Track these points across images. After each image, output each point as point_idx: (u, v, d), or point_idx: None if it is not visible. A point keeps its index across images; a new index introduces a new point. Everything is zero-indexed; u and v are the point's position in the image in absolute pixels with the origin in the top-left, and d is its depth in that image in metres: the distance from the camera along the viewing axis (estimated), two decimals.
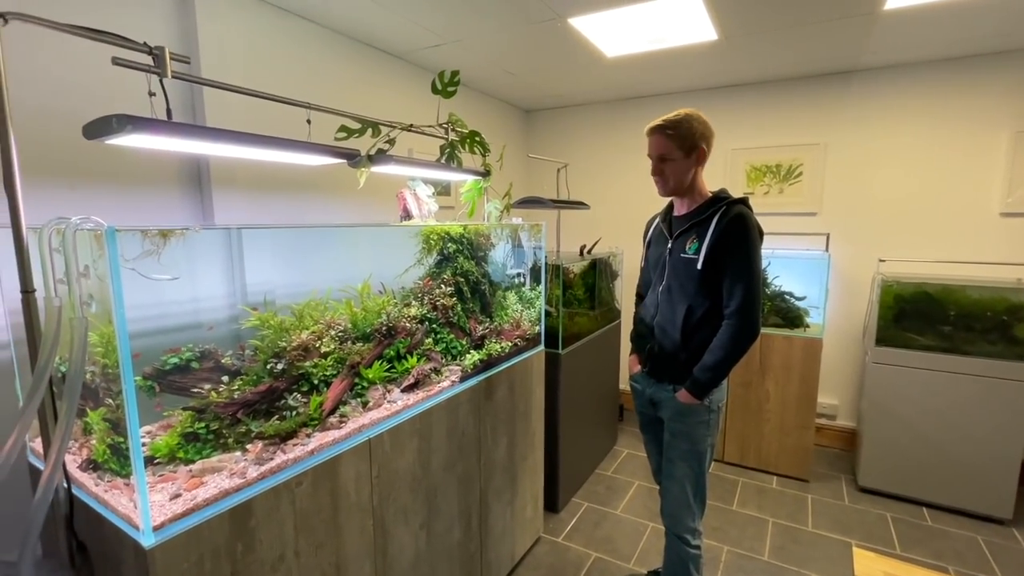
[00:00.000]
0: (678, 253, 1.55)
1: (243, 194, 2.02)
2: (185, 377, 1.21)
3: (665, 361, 1.60)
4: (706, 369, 1.49)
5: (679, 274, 1.54)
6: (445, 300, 1.64)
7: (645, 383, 1.70)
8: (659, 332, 1.60)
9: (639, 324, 1.74)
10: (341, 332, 1.37)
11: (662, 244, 1.63)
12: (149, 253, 0.93)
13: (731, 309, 1.45)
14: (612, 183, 3.68)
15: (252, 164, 2.02)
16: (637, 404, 1.79)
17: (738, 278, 1.44)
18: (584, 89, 3.33)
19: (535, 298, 2.13)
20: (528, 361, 2.05)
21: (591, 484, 2.79)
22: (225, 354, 1.28)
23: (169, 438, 1.05)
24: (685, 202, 1.59)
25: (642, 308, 1.74)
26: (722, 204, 1.49)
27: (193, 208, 1.93)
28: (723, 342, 1.46)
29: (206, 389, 1.13)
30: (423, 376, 1.52)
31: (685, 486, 1.60)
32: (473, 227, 1.83)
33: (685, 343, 1.54)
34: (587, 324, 2.69)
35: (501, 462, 1.93)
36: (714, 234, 1.46)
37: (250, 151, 1.26)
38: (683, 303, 1.53)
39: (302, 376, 1.25)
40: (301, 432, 1.19)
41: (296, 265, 1.88)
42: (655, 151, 1.53)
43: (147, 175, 1.79)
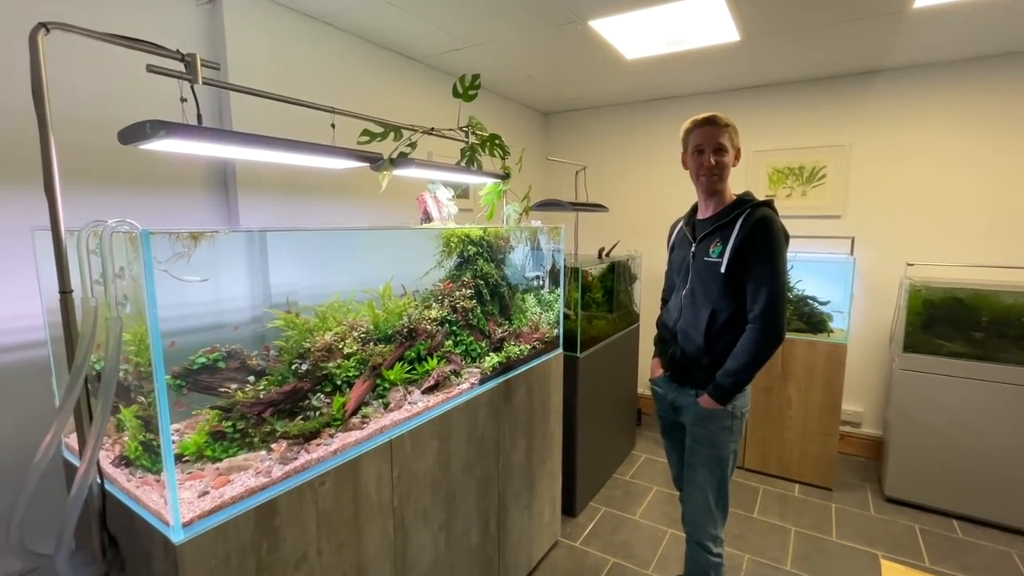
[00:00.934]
0: (701, 256, 1.53)
1: (268, 197, 2.06)
2: (212, 376, 1.23)
3: (688, 366, 1.58)
4: (729, 374, 1.47)
5: (703, 278, 1.52)
6: (465, 302, 1.65)
7: (667, 388, 1.68)
8: (682, 336, 1.58)
9: (662, 328, 1.72)
10: (363, 334, 1.38)
11: (685, 247, 1.62)
12: (180, 255, 0.96)
13: (755, 313, 1.43)
14: (631, 185, 3.66)
15: (276, 168, 2.05)
16: (658, 408, 1.77)
17: (762, 282, 1.41)
18: (603, 91, 3.32)
19: (554, 301, 2.12)
20: (547, 364, 2.05)
21: (609, 489, 2.77)
22: (251, 354, 1.30)
23: (197, 436, 1.07)
24: (710, 204, 1.57)
25: (665, 312, 1.72)
26: (746, 207, 1.47)
27: (219, 211, 1.97)
28: (747, 347, 1.44)
29: (232, 388, 1.15)
30: (443, 378, 1.53)
31: (707, 493, 1.58)
32: (493, 230, 1.83)
33: (708, 347, 1.52)
34: (605, 327, 2.67)
35: (519, 465, 1.92)
36: (738, 237, 1.44)
37: (276, 155, 1.29)
38: (706, 307, 1.51)
39: (325, 377, 1.27)
40: (324, 432, 1.20)
41: (318, 267, 1.91)
42: (714, 141, 1.48)
43: (175, 179, 1.83)
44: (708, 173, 1.50)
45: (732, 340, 1.48)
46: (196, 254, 1.07)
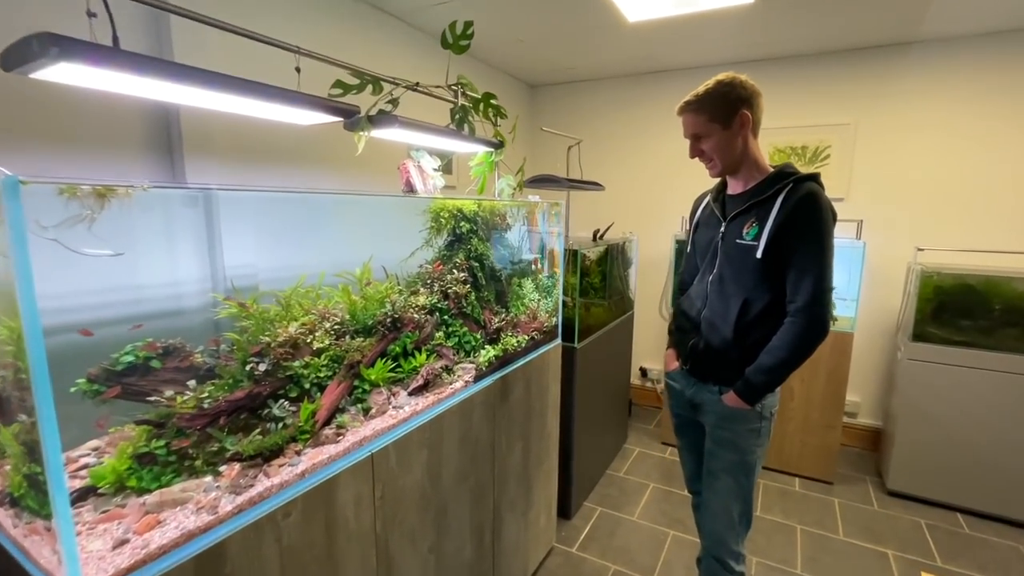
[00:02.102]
0: (733, 238, 1.32)
1: (221, 161, 1.76)
2: (144, 379, 0.97)
3: (712, 359, 1.38)
4: (763, 371, 1.27)
5: (733, 263, 1.32)
6: (458, 287, 1.41)
7: (684, 383, 1.49)
8: (706, 327, 1.38)
9: (681, 317, 1.50)
10: (337, 325, 1.14)
11: (713, 227, 1.40)
12: (80, 219, 0.69)
13: (797, 305, 1.23)
14: (624, 165, 3.45)
15: (231, 126, 1.75)
16: (673, 404, 1.58)
17: (806, 269, 1.21)
18: (598, 62, 3.08)
19: (552, 286, 1.91)
20: (545, 356, 1.84)
21: (603, 486, 2.60)
22: (195, 350, 1.04)
23: (116, 461, 0.81)
24: (741, 179, 1.35)
25: (685, 299, 1.50)
26: (788, 181, 1.25)
27: (162, 177, 1.67)
28: (786, 341, 1.24)
29: (168, 395, 0.90)
30: (433, 376, 1.30)
31: (729, 503, 1.40)
32: (488, 204, 1.59)
33: (737, 341, 1.32)
34: (602, 315, 2.48)
35: (515, 470, 1.72)
36: (778, 216, 1.23)
37: (225, 99, 1.01)
38: (738, 296, 1.31)
39: (290, 379, 1.02)
40: (289, 449, 0.96)
41: (282, 242, 1.64)
42: (688, 131, 1.33)
43: (103, 134, 1.52)
44: (706, 166, 1.37)
45: (766, 333, 1.29)
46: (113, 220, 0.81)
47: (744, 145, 1.30)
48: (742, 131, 1.28)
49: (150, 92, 0.96)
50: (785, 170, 1.30)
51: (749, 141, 1.30)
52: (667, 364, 1.57)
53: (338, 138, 2.02)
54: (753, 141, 1.31)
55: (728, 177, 1.40)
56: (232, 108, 1.10)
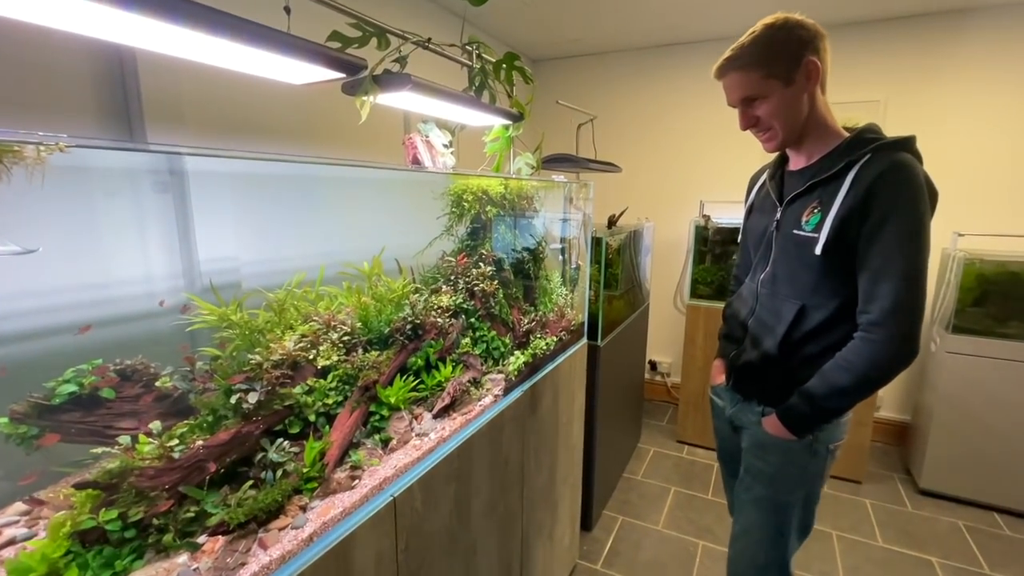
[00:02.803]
0: (789, 227, 1.05)
1: (193, 132, 1.49)
2: (92, 415, 0.74)
3: (755, 374, 1.12)
4: (815, 396, 1.00)
5: (789, 257, 1.05)
6: (485, 284, 1.18)
7: (728, 399, 1.24)
8: (753, 336, 1.13)
9: (731, 321, 1.25)
10: (346, 335, 0.90)
11: (768, 212, 1.13)
12: None
13: (871, 317, 0.93)
14: (638, 145, 3.23)
15: (203, 88, 1.48)
16: (716, 424, 1.34)
17: (886, 269, 0.91)
18: (610, 32, 2.83)
19: (578, 279, 1.69)
20: (572, 358, 1.62)
21: (622, 492, 2.42)
22: (162, 372, 0.81)
23: (48, 545, 0.58)
24: (805, 150, 1.06)
25: (736, 299, 1.25)
26: (866, 149, 0.95)
27: None
28: (853, 362, 0.95)
29: (124, 442, 0.66)
30: (460, 392, 1.07)
31: (755, 544, 1.16)
32: (515, 185, 1.36)
33: (785, 354, 1.05)
34: (622, 309, 2.27)
35: (543, 490, 1.51)
36: (848, 198, 0.93)
37: (189, 40, 0.75)
38: (792, 301, 1.04)
39: (290, 410, 0.79)
40: (292, 504, 0.73)
41: (269, 230, 1.39)
42: (735, 95, 1.03)
43: (45, 99, 1.24)
44: (759, 138, 1.08)
45: (824, 349, 1.02)
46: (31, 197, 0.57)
47: (811, 105, 1.00)
48: (808, 86, 0.98)
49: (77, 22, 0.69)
50: (864, 135, 0.99)
51: (817, 99, 1.01)
52: (713, 376, 1.31)
53: (335, 106, 1.76)
54: (822, 98, 1.02)
55: (789, 150, 1.11)
56: (202, 54, 0.84)
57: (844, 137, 1.02)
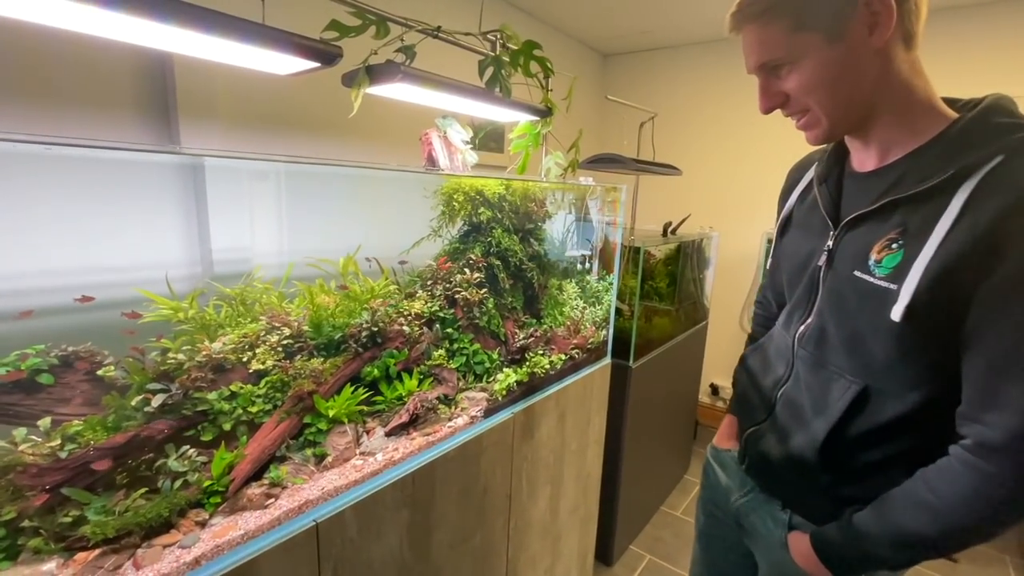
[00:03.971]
0: (848, 265, 0.67)
1: (221, 130, 1.54)
2: (32, 398, 0.74)
3: (784, 468, 0.77)
4: (871, 537, 0.65)
5: (846, 312, 0.68)
6: (469, 292, 1.08)
7: (735, 478, 0.89)
8: (782, 417, 0.77)
9: (749, 376, 0.88)
10: (288, 339, 0.84)
11: (816, 233, 0.75)
12: None
13: (992, 434, 0.56)
14: (707, 146, 2.94)
15: (232, 87, 1.53)
16: (705, 496, 0.99)
17: (1016, 356, 0.54)
18: (683, 24, 2.59)
19: (603, 291, 1.53)
20: (588, 379, 1.47)
21: (655, 527, 2.20)
22: (106, 359, 0.79)
23: None
24: (875, 141, 0.68)
25: (759, 355, 0.87)
26: (996, 146, 0.56)
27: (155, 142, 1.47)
28: (945, 496, 0.59)
29: (16, 436, 0.64)
30: (423, 409, 0.98)
31: None
32: (519, 185, 1.24)
33: (834, 458, 0.70)
34: (667, 327, 2.05)
35: (540, 521, 1.38)
36: (961, 230, 0.56)
37: (163, 31, 0.73)
38: (850, 378, 0.68)
39: (203, 416, 0.74)
40: (187, 519, 0.68)
41: (281, 223, 1.40)
42: (750, 59, 0.68)
43: (93, 96, 1.33)
44: (796, 126, 0.71)
45: (897, 456, 0.66)
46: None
47: (884, 70, 0.61)
48: (872, 40, 0.59)
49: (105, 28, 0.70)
50: (991, 117, 0.59)
51: (896, 60, 0.61)
52: (720, 436, 0.97)
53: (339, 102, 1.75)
54: (905, 58, 0.62)
55: (850, 139, 0.73)
56: (182, 46, 0.82)
57: (951, 120, 0.62)
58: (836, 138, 0.73)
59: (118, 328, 0.87)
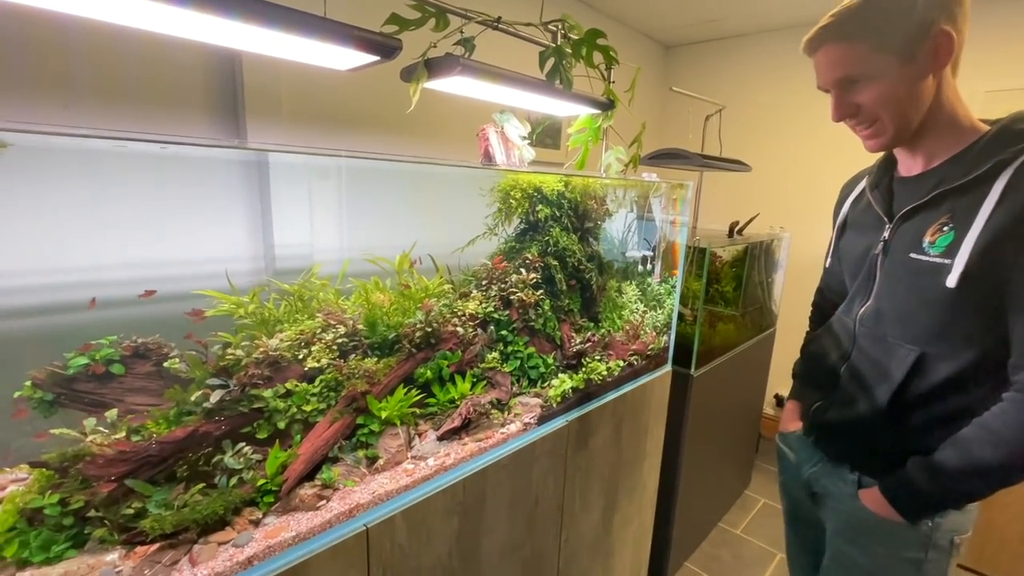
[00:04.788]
0: (904, 250, 0.80)
1: (286, 127, 1.58)
2: (105, 387, 0.76)
3: (848, 435, 0.90)
4: (948, 471, 0.74)
5: (902, 289, 0.81)
6: (525, 293, 1.03)
7: (804, 454, 1.00)
8: (849, 385, 0.89)
9: (810, 362, 1.03)
10: (343, 337, 0.83)
11: (871, 230, 0.89)
12: None
13: None
14: (779, 141, 2.75)
15: (297, 85, 1.56)
16: (784, 480, 1.10)
17: None
18: (753, 11, 2.42)
19: (665, 295, 1.44)
20: (646, 388, 1.39)
21: (712, 544, 2.07)
22: (171, 351, 0.81)
23: (1, 515, 0.59)
24: (923, 150, 0.81)
25: (824, 336, 0.98)
26: (1022, 145, 0.70)
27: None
28: (1001, 433, 0.71)
29: (94, 424, 0.66)
30: (476, 414, 0.94)
31: None
32: (579, 182, 1.18)
33: (900, 415, 0.81)
34: (732, 334, 1.92)
35: (592, 534, 1.32)
36: (1002, 210, 0.69)
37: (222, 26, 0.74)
38: (908, 346, 0.79)
39: (259, 413, 0.74)
40: (241, 517, 0.68)
41: (342, 219, 1.41)
42: (831, 73, 0.79)
43: (165, 94, 1.39)
44: (858, 134, 0.84)
45: (954, 412, 0.77)
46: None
47: (938, 90, 0.75)
48: (935, 65, 0.72)
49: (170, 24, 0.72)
50: (1016, 126, 0.72)
51: (946, 83, 0.76)
52: (784, 421, 1.10)
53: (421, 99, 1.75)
54: (952, 82, 0.77)
55: (900, 150, 0.86)
56: (238, 41, 0.83)
57: (982, 131, 0.77)
58: (894, 147, 0.85)
59: (186, 320, 0.90)
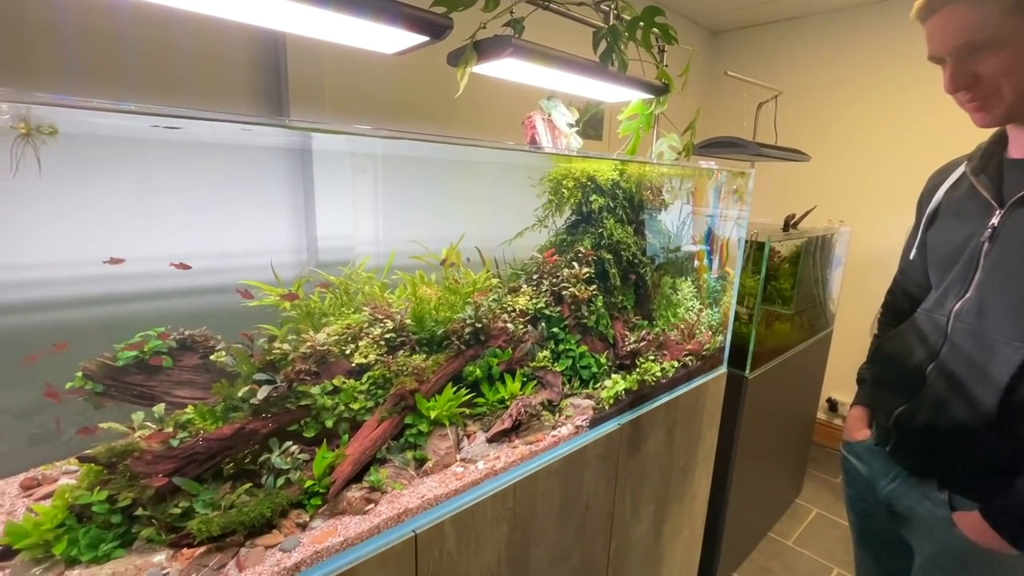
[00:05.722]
0: (1019, 237, 0.73)
1: (329, 116, 1.56)
2: (153, 379, 0.75)
3: (943, 445, 0.81)
4: None
5: (1015, 282, 0.73)
6: (578, 288, 0.97)
7: (878, 467, 0.92)
8: (940, 388, 0.80)
9: (886, 363, 0.95)
10: (391, 332, 0.79)
11: (973, 218, 0.81)
12: None
13: None
14: (834, 131, 2.58)
15: (340, 73, 1.54)
16: (851, 495, 1.02)
17: None
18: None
19: (722, 292, 1.35)
20: (701, 390, 1.31)
21: (763, 555, 1.97)
22: (217, 344, 0.79)
23: (51, 511, 0.57)
24: None
25: (899, 335, 0.92)
26: None
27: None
28: None
29: (140, 419, 0.64)
30: (526, 416, 0.89)
31: None
32: (635, 170, 1.11)
33: (1007, 423, 0.72)
34: (788, 334, 1.80)
35: (642, 542, 1.25)
36: None
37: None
38: (1016, 343, 0.72)
39: (306, 411, 0.70)
40: (288, 519, 0.65)
41: (383, 210, 1.39)
42: (951, 39, 0.70)
43: (211, 84, 1.39)
44: (965, 103, 0.75)
45: None
46: None
47: None
48: None
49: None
50: None
51: None
52: (850, 429, 1.01)
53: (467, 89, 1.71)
54: None
55: (1015, 127, 0.77)
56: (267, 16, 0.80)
57: None
58: (1008, 123, 0.77)
59: (229, 312, 0.88)
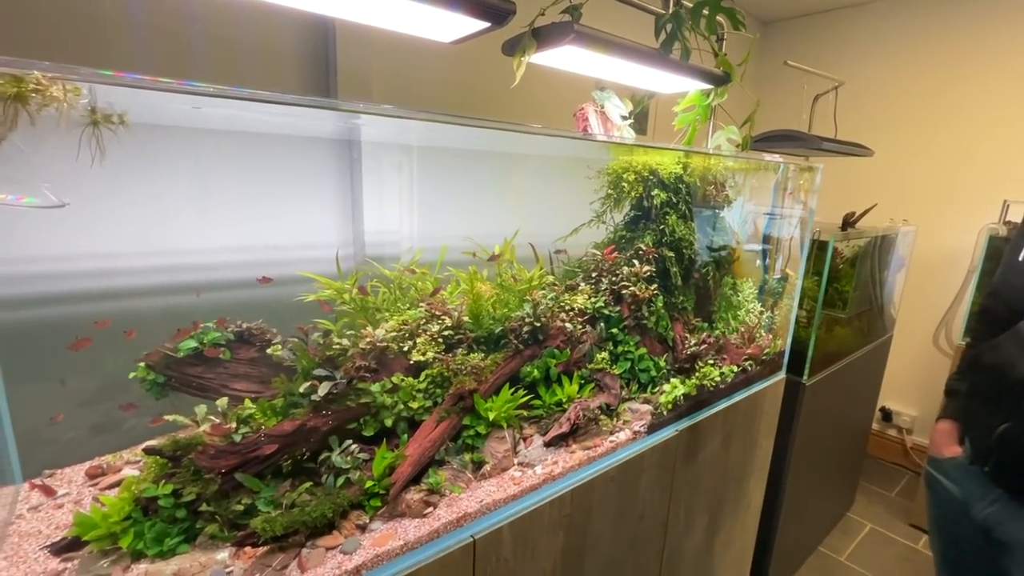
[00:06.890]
0: None
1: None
2: (212, 372, 0.75)
3: None
4: None
5: None
6: (638, 288, 0.93)
7: (972, 486, 0.88)
8: None
9: (986, 375, 0.88)
10: (449, 329, 0.77)
11: None
12: None
13: None
14: (898, 125, 2.43)
15: (389, 64, 1.52)
16: (938, 515, 0.97)
17: None
18: None
19: (782, 293, 1.28)
20: (759, 396, 1.24)
21: (812, 570, 1.88)
22: (274, 338, 0.78)
23: (118, 502, 0.57)
24: None
25: (1007, 343, 0.84)
26: None
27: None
28: None
29: (240, 393, 0.64)
30: (584, 419, 0.85)
31: None
32: (699, 163, 1.05)
33: None
34: (848, 339, 1.71)
35: (694, 552, 1.20)
36: None
37: None
38: None
39: (366, 408, 0.68)
40: (348, 520, 0.63)
41: (432, 205, 1.37)
42: None
43: (260, 75, 1.40)
44: None
45: None
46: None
47: None
48: None
49: None
50: None
51: None
52: (938, 445, 0.95)
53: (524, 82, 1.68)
54: None
55: None
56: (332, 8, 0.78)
57: None
58: None
59: (282, 304, 0.87)
